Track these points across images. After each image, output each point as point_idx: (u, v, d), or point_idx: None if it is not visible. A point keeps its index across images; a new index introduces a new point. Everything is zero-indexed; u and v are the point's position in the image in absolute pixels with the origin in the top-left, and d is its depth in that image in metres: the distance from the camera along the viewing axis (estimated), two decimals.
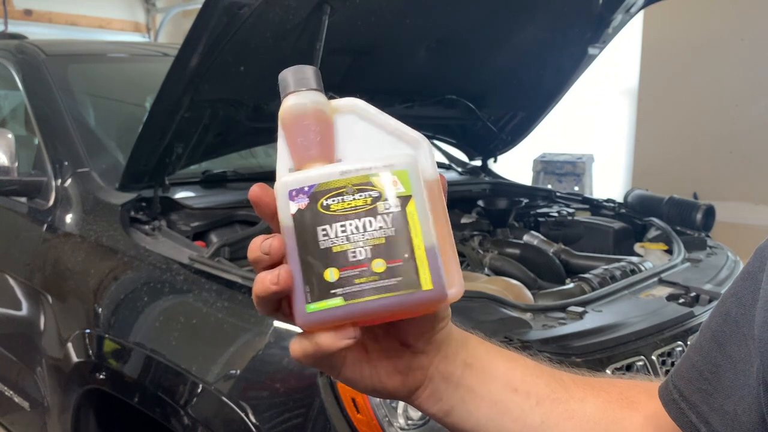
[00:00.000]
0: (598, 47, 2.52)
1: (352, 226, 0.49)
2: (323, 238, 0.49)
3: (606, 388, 0.62)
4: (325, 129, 0.53)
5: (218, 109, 1.98)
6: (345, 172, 0.50)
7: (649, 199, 2.52)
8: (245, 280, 1.52)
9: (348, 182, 0.50)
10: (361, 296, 0.49)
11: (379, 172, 0.50)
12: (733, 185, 4.21)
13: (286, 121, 0.54)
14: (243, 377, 1.40)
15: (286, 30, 1.74)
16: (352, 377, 0.56)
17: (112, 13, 7.34)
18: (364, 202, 0.50)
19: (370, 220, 0.49)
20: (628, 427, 0.59)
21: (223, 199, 2.13)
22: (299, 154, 0.53)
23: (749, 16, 4.13)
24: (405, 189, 0.50)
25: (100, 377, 1.68)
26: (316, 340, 0.50)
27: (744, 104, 4.19)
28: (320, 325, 0.50)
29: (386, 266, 0.49)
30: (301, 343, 0.51)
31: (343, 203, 0.50)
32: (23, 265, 2.05)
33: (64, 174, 2.06)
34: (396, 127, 0.54)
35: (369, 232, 0.49)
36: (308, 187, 0.50)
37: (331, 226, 0.49)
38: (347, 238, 0.49)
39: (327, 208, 0.49)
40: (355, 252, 0.49)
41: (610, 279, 1.77)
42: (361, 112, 0.54)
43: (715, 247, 2.16)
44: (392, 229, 0.50)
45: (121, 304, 1.71)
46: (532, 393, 0.58)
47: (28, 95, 2.30)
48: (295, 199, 0.50)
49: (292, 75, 0.54)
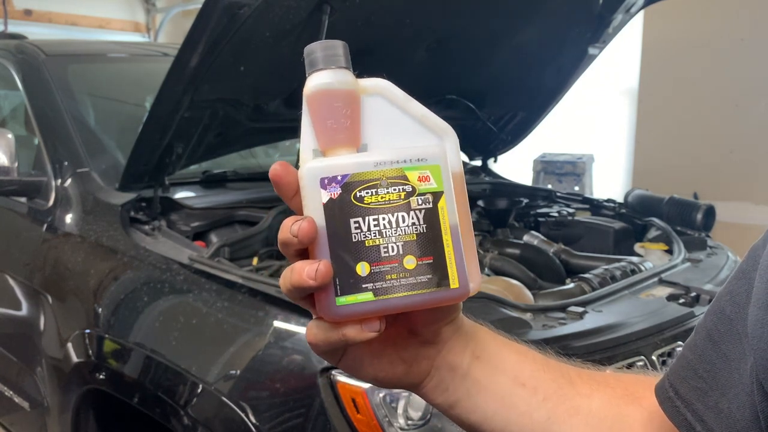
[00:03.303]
0: (598, 47, 2.52)
1: (384, 221, 0.49)
2: (356, 230, 0.48)
3: (611, 383, 0.61)
4: (355, 112, 0.51)
5: (218, 109, 1.97)
6: (379, 164, 0.49)
7: (649, 199, 2.51)
8: (245, 281, 1.52)
9: (382, 174, 0.49)
10: (392, 292, 0.48)
11: (413, 165, 0.50)
12: (734, 185, 4.21)
13: (314, 100, 0.51)
14: (243, 377, 1.40)
15: (286, 30, 1.74)
16: (353, 365, 0.55)
17: (112, 13, 7.34)
18: (398, 196, 0.49)
19: (403, 215, 0.49)
20: (632, 424, 0.59)
21: (223, 199, 2.13)
22: (326, 137, 0.50)
23: (749, 16, 4.13)
24: (437, 185, 0.50)
25: (100, 377, 1.68)
26: (343, 332, 0.50)
27: (744, 104, 4.18)
28: (348, 318, 0.49)
29: (417, 263, 0.49)
30: (324, 332, 0.51)
31: (376, 196, 0.49)
32: (23, 265, 2.05)
33: (64, 174, 2.06)
34: (423, 114, 0.53)
35: (401, 227, 0.49)
36: (341, 177, 0.48)
37: (364, 219, 0.48)
38: (380, 233, 0.48)
39: (360, 200, 0.48)
40: (388, 247, 0.48)
41: (611, 279, 1.77)
42: (389, 95, 0.52)
43: (716, 247, 2.16)
44: (424, 225, 0.49)
45: (121, 304, 1.70)
46: (539, 388, 0.58)
47: (28, 95, 2.30)
48: (327, 188, 0.48)
49: (322, 51, 0.51)
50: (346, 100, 0.50)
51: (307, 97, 0.51)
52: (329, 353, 0.54)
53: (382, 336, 0.51)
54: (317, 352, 0.54)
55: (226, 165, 2.41)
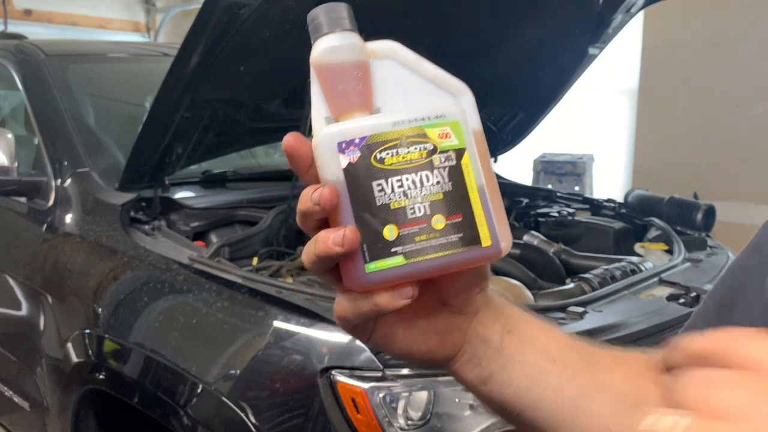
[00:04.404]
0: (598, 47, 2.51)
1: (408, 181, 0.47)
2: (379, 193, 0.46)
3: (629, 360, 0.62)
4: (365, 75, 0.49)
5: (218, 109, 1.97)
6: (397, 123, 0.47)
7: (649, 199, 2.51)
8: (245, 281, 1.52)
9: (401, 134, 0.47)
10: (423, 254, 0.47)
11: (432, 123, 0.48)
12: (734, 185, 4.21)
13: (323, 66, 0.49)
14: (243, 377, 1.39)
15: (286, 30, 1.74)
16: (385, 340, 0.53)
17: (112, 13, 7.34)
18: (420, 155, 0.47)
19: (427, 174, 0.47)
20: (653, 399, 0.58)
21: (223, 199, 2.13)
22: (338, 103, 0.49)
23: (749, 16, 4.13)
24: (458, 141, 0.48)
25: (100, 377, 1.68)
26: (375, 300, 0.48)
27: (744, 104, 4.18)
28: (379, 285, 0.47)
29: (446, 222, 0.47)
30: (354, 304, 0.49)
31: (397, 156, 0.47)
32: (23, 265, 2.05)
33: (64, 174, 2.06)
34: (436, 74, 0.51)
35: (426, 187, 0.47)
36: (359, 139, 0.47)
37: (387, 180, 0.47)
38: (405, 194, 0.47)
39: (381, 162, 0.47)
40: (414, 208, 0.47)
41: (611, 279, 1.77)
42: (399, 56, 0.51)
43: (716, 247, 2.16)
44: (449, 183, 0.48)
45: (120, 304, 1.70)
46: (569, 364, 0.57)
47: (27, 95, 2.30)
48: (346, 152, 0.46)
49: (325, 14, 0.49)
50: (356, 62, 0.49)
51: (314, 63, 0.49)
52: (359, 328, 0.52)
53: (413, 307, 0.49)
54: (346, 329, 0.52)
55: (226, 165, 2.41)
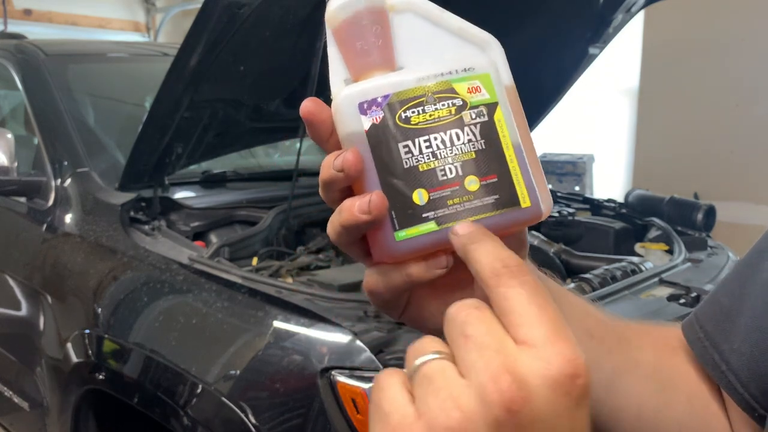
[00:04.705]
0: (598, 47, 2.51)
1: (437, 141, 0.43)
2: (406, 155, 0.43)
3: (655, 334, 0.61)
4: (385, 30, 0.46)
5: (218, 109, 1.97)
6: (422, 79, 0.44)
7: (649, 199, 2.51)
8: (245, 281, 1.52)
9: (427, 90, 0.44)
10: (457, 218, 0.43)
11: (460, 77, 0.45)
12: (734, 185, 4.20)
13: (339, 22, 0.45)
14: (243, 377, 1.39)
15: (286, 30, 1.74)
16: (418, 316, 0.49)
17: (112, 12, 7.34)
18: (448, 112, 0.44)
19: (457, 132, 0.44)
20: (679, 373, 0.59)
21: (222, 199, 2.13)
22: (358, 61, 0.45)
23: (750, 16, 4.12)
24: (489, 95, 0.45)
25: (100, 377, 1.67)
26: (407, 271, 0.44)
27: (745, 104, 4.18)
28: (411, 254, 0.44)
29: (480, 183, 0.44)
30: (385, 276, 0.46)
31: (424, 115, 0.44)
32: (23, 265, 2.05)
33: (64, 174, 2.06)
34: (460, 26, 0.47)
35: (457, 146, 0.44)
36: (382, 98, 0.43)
37: (414, 141, 0.43)
38: (433, 155, 0.43)
39: (407, 121, 0.43)
40: (444, 169, 0.43)
41: (611, 279, 1.77)
42: (420, 9, 0.47)
43: (716, 248, 2.16)
44: (482, 141, 0.44)
45: (120, 304, 1.70)
46: (605, 340, 0.56)
47: (27, 95, 2.29)
48: (368, 113, 0.43)
49: None
50: (375, 16, 0.45)
51: (330, 21, 0.46)
52: (391, 303, 0.48)
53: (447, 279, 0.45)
54: (377, 304, 0.48)
55: (226, 165, 2.41)
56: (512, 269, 0.36)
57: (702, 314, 0.59)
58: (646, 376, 0.57)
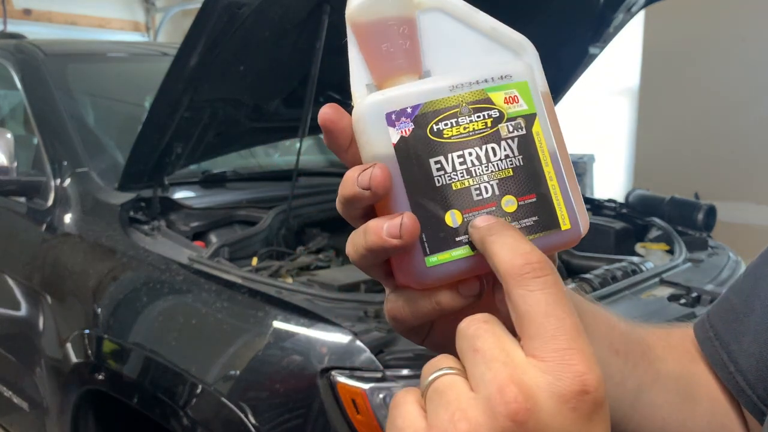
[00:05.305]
0: (599, 46, 2.51)
1: (472, 156, 0.40)
2: (438, 172, 0.39)
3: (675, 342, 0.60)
4: (413, 30, 0.42)
5: (218, 109, 1.97)
6: (455, 87, 0.40)
7: (650, 199, 2.51)
8: (245, 281, 1.52)
9: (461, 100, 0.40)
10: None
11: (496, 85, 0.41)
12: (735, 185, 4.20)
13: (362, 22, 0.42)
14: (242, 378, 1.39)
15: (286, 29, 1.74)
16: (443, 342, 0.45)
17: (112, 12, 7.33)
18: (484, 124, 0.40)
19: (494, 147, 0.40)
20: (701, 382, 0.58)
21: (222, 199, 2.13)
22: (383, 66, 0.42)
23: (750, 16, 4.12)
24: (528, 106, 0.41)
25: (99, 378, 1.67)
26: (437, 299, 0.41)
27: (745, 104, 4.18)
28: (442, 281, 0.41)
29: (518, 204, 0.40)
30: (411, 303, 0.42)
31: (458, 127, 0.40)
32: (22, 265, 2.05)
33: (63, 174, 2.06)
34: (493, 26, 0.44)
35: (493, 162, 0.40)
36: (411, 108, 0.40)
37: (447, 157, 0.39)
38: (468, 172, 0.40)
39: (439, 135, 0.40)
40: (480, 188, 0.40)
41: (611, 279, 1.76)
42: (449, 7, 0.43)
43: (717, 248, 2.16)
44: (520, 157, 0.41)
45: (120, 305, 1.70)
46: (630, 355, 0.55)
47: (27, 95, 2.29)
48: (396, 124, 0.39)
49: None
50: (401, 16, 0.42)
51: (352, 20, 0.42)
52: (415, 330, 0.45)
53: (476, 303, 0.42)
54: (399, 330, 0.45)
55: (225, 165, 2.41)
56: (534, 266, 0.35)
57: (713, 314, 0.59)
58: (670, 388, 0.56)
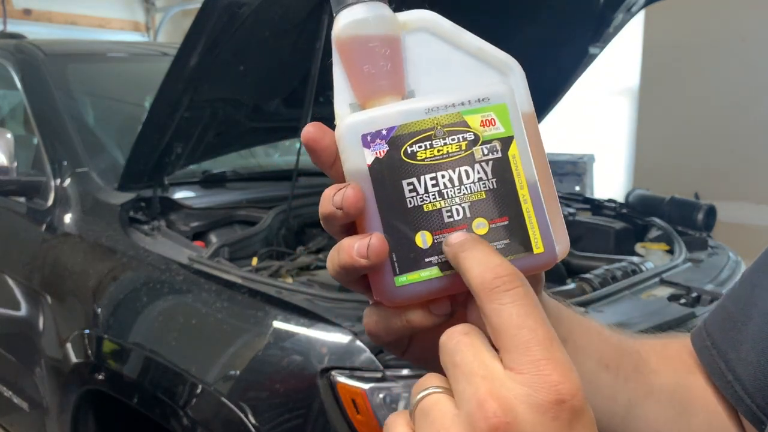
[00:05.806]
0: (599, 46, 2.51)
1: (445, 179, 0.40)
2: (410, 194, 0.40)
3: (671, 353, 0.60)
4: (396, 52, 0.42)
5: (218, 109, 1.97)
6: (431, 110, 0.41)
7: (650, 199, 2.51)
8: (245, 281, 1.52)
9: (436, 122, 0.41)
10: None
11: (473, 108, 0.41)
12: (735, 185, 4.20)
13: (346, 43, 0.42)
14: (242, 378, 1.39)
15: (286, 29, 1.74)
16: (421, 356, 0.47)
17: (112, 12, 7.33)
18: (458, 147, 0.41)
19: (467, 170, 0.41)
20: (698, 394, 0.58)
21: (222, 199, 2.12)
22: (365, 86, 0.42)
23: (750, 16, 4.12)
24: (504, 129, 0.42)
25: (99, 378, 1.67)
26: (407, 318, 0.42)
27: (745, 104, 4.18)
28: (411, 300, 0.42)
29: (489, 227, 0.41)
30: (385, 320, 0.44)
31: (432, 150, 0.41)
32: (22, 265, 2.05)
33: (63, 174, 2.05)
34: (479, 47, 0.44)
35: (466, 185, 0.41)
36: (387, 130, 0.40)
37: (419, 179, 0.40)
38: (440, 194, 0.40)
39: (412, 157, 0.40)
40: (451, 210, 0.40)
41: (611, 279, 1.76)
42: (435, 28, 0.44)
43: (717, 248, 2.16)
44: (493, 180, 0.41)
45: (120, 305, 1.70)
46: (621, 369, 0.55)
47: (27, 95, 2.29)
48: (371, 146, 0.40)
49: None
50: (385, 38, 0.42)
51: (337, 40, 0.43)
52: (392, 344, 0.46)
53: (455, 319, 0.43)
54: (378, 343, 0.47)
55: (225, 165, 2.41)
56: (504, 279, 0.36)
57: (710, 322, 0.59)
58: (664, 401, 0.56)
